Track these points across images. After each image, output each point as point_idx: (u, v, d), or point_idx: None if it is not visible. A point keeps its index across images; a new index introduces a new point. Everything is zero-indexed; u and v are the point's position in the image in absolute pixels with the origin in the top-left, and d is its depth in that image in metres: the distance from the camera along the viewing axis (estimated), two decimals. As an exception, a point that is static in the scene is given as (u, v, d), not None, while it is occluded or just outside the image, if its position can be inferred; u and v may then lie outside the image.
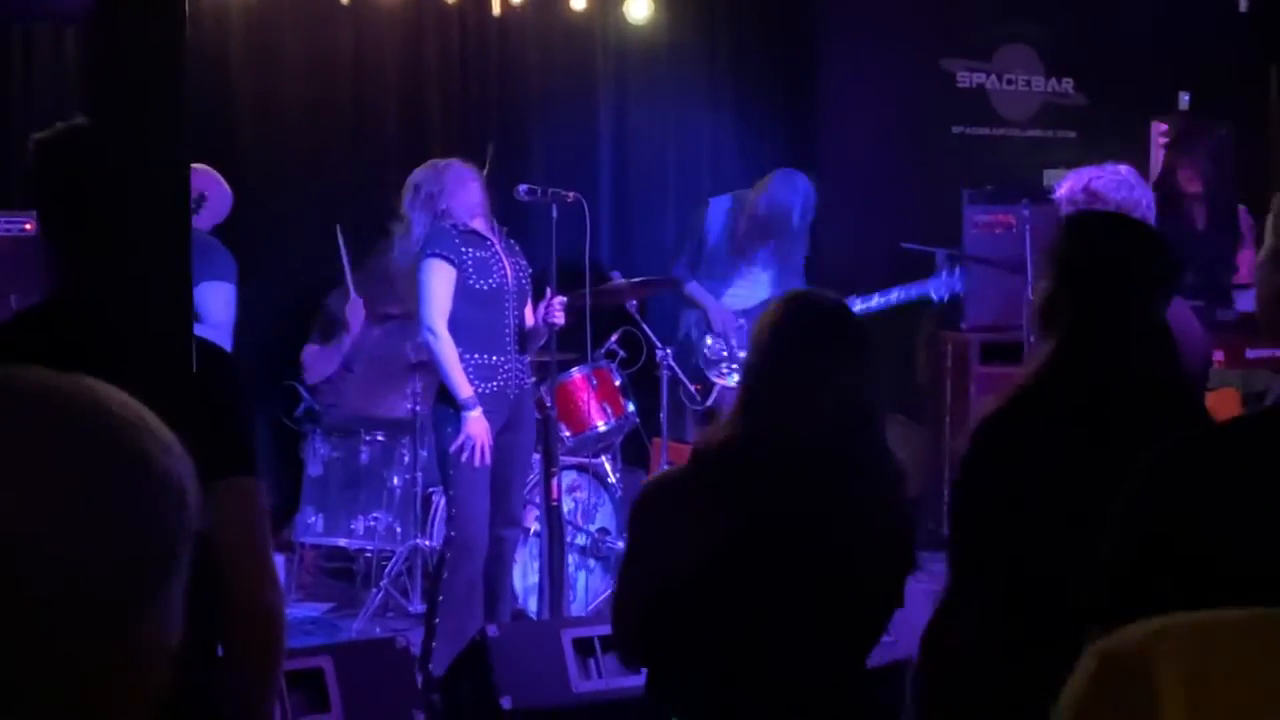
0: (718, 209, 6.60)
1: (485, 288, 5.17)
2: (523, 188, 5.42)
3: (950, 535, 2.67)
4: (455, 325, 5.13)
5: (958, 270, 6.55)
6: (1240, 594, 1.62)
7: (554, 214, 5.34)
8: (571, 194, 5.40)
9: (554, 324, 5.32)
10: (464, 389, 5.08)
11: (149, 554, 1.00)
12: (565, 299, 5.36)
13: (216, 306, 4.98)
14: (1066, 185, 3.92)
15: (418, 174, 5.29)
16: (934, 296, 6.53)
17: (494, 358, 5.20)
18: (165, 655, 1.03)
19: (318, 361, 6.57)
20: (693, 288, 6.54)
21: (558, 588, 5.29)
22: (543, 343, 5.40)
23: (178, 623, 1.04)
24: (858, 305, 6.34)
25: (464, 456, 5.06)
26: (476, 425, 5.08)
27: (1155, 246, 2.70)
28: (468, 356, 5.15)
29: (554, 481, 5.33)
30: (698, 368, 6.44)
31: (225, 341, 4.92)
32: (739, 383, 2.82)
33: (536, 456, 5.97)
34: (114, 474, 1.00)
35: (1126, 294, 2.60)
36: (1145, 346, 2.59)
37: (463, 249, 5.15)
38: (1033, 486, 2.53)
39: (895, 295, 6.47)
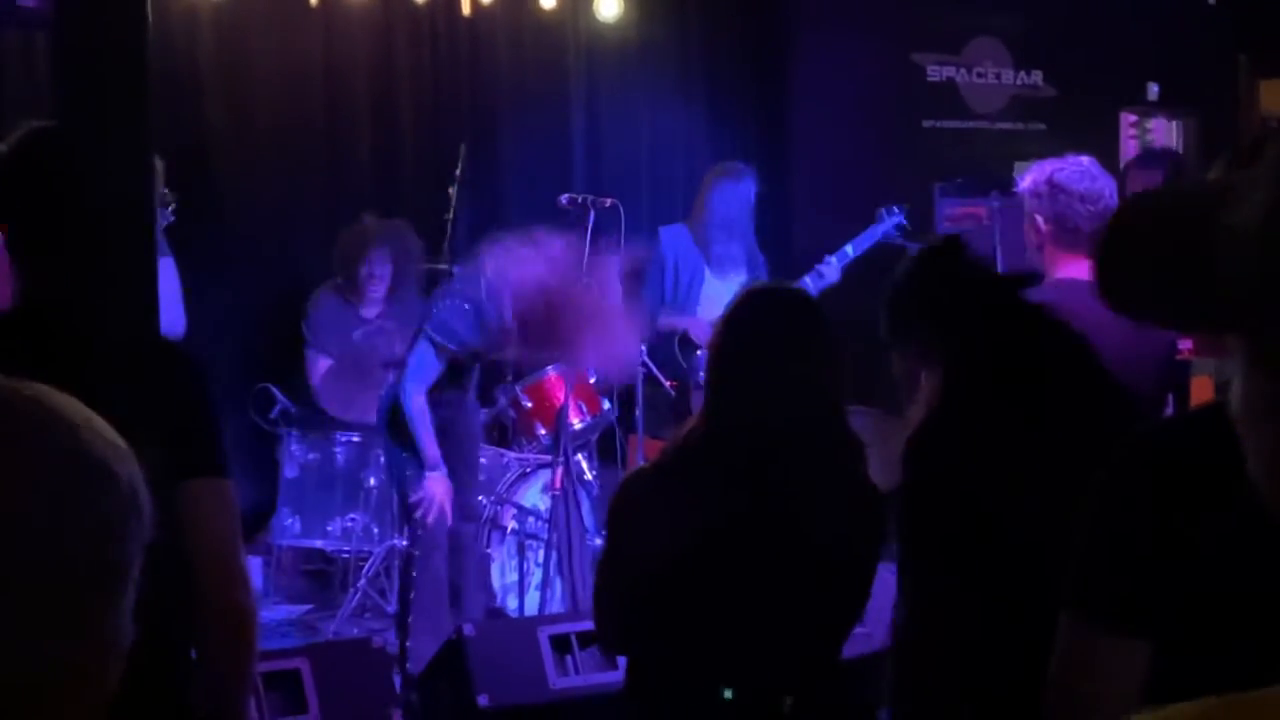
0: (671, 237, 6.50)
1: None
2: (564, 198, 5.58)
3: (901, 543, 2.71)
4: None
5: (895, 209, 6.55)
6: (1222, 577, 1.64)
7: (591, 219, 5.46)
8: (609, 200, 5.56)
9: None
10: (430, 450, 5.09)
11: (105, 558, 1.01)
12: None
13: (164, 283, 4.98)
14: (1029, 178, 3.93)
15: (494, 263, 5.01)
16: (889, 236, 6.52)
17: None
18: (118, 658, 1.04)
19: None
20: (665, 319, 6.45)
21: (569, 579, 5.36)
22: None
23: (130, 625, 1.04)
24: (815, 280, 6.34)
25: (419, 513, 5.08)
26: (437, 485, 5.10)
27: (949, 249, 2.80)
28: None
29: (558, 472, 5.42)
30: (693, 382, 6.39)
31: (178, 314, 4.96)
32: (704, 377, 2.85)
33: (512, 455, 5.99)
34: (72, 479, 1.00)
35: (975, 300, 2.70)
36: (1029, 326, 2.68)
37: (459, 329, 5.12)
38: (981, 486, 2.58)
39: (850, 249, 6.42)
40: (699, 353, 6.37)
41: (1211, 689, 1.70)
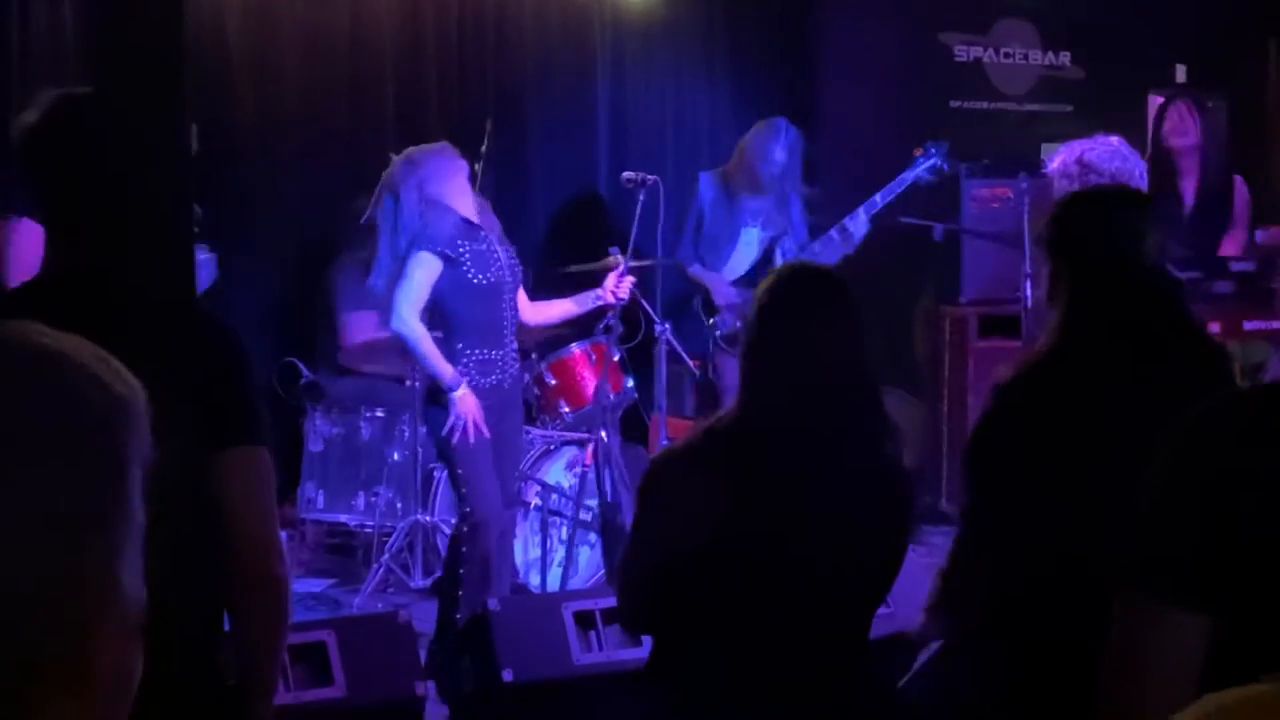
0: (707, 181, 6.63)
1: (484, 282, 5.10)
2: (626, 174, 5.85)
3: (967, 494, 2.73)
4: (456, 321, 5.09)
5: (930, 148, 6.54)
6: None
7: (641, 196, 5.67)
8: (652, 177, 5.79)
9: (623, 301, 5.55)
10: (445, 370, 5.03)
11: (76, 487, 0.98)
12: (634, 279, 5.60)
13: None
14: (1059, 159, 3.93)
15: (405, 163, 5.16)
16: (922, 178, 6.51)
17: (493, 352, 5.16)
18: (127, 601, 1.00)
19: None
20: (696, 270, 6.54)
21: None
22: (611, 320, 5.68)
23: (138, 572, 1.01)
24: (849, 227, 6.38)
25: (455, 438, 5.04)
26: (464, 403, 5.05)
27: (1132, 202, 2.80)
28: (469, 352, 5.10)
29: (590, 448, 5.62)
30: (710, 344, 6.43)
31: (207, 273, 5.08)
32: (740, 358, 2.84)
33: (536, 433, 6.00)
34: (31, 405, 0.98)
35: (1113, 259, 2.69)
36: (1147, 299, 2.68)
37: (459, 243, 5.08)
38: (1059, 444, 2.59)
39: (879, 198, 6.43)
40: (714, 320, 6.43)
41: (1271, 664, 1.69)
